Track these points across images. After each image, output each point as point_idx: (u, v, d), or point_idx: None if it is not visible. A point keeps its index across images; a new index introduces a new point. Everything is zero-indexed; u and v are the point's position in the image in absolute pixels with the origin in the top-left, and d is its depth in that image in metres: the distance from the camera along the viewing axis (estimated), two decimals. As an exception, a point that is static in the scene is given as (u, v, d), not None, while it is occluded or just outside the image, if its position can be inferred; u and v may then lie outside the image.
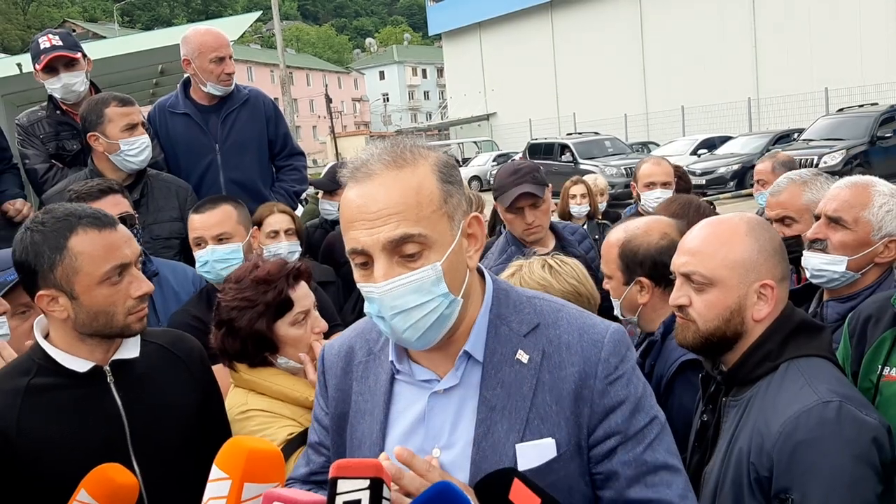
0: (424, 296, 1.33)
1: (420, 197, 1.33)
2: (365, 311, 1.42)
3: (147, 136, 3.62)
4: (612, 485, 1.42)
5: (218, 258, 2.98)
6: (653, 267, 2.48)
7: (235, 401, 2.27)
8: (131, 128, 3.55)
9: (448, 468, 1.40)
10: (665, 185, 4.46)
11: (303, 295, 2.33)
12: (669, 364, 2.38)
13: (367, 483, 1.19)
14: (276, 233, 3.62)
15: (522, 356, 1.43)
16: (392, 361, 1.49)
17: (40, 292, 1.81)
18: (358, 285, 1.39)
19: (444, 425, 1.44)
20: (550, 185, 3.44)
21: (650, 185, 4.44)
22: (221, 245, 3.01)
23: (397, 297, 1.33)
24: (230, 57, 4.15)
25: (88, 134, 3.56)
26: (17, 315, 2.25)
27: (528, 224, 3.29)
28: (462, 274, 1.40)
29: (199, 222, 3.04)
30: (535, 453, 1.39)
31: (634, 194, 4.59)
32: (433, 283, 1.33)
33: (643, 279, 2.49)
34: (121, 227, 1.91)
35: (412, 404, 1.47)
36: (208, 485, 1.36)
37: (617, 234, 2.59)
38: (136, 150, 3.55)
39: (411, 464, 1.28)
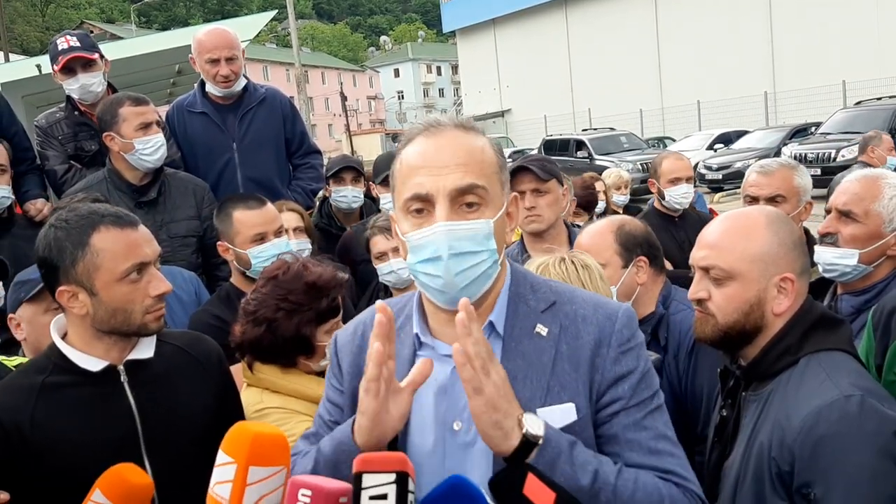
0: (478, 245, 1.42)
1: (484, 156, 1.45)
2: (408, 263, 1.47)
3: (162, 134, 3.64)
4: (612, 447, 1.46)
5: (284, 250, 3.02)
6: (649, 247, 2.72)
7: (250, 399, 2.28)
8: (145, 127, 3.57)
9: (473, 439, 1.45)
10: (689, 179, 4.48)
11: (342, 304, 2.36)
12: (686, 329, 2.55)
13: (393, 477, 1.19)
14: (286, 231, 3.60)
15: (542, 329, 1.50)
16: (417, 334, 1.54)
17: (61, 287, 1.84)
18: (405, 237, 1.45)
19: (465, 398, 1.45)
20: (566, 186, 3.40)
21: (675, 181, 4.44)
22: (280, 238, 3.08)
23: (457, 239, 1.40)
24: (229, 59, 4.09)
25: (104, 134, 3.60)
26: (50, 311, 2.29)
27: (527, 209, 3.21)
28: (503, 241, 1.49)
29: (260, 218, 3.06)
30: (556, 416, 1.43)
31: (654, 190, 4.57)
32: (486, 236, 1.43)
33: (642, 258, 2.69)
34: (142, 226, 1.93)
35: (435, 377, 1.49)
36: (215, 469, 1.37)
37: (604, 225, 2.77)
38: (151, 148, 3.57)
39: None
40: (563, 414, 1.44)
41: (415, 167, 1.43)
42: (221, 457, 1.37)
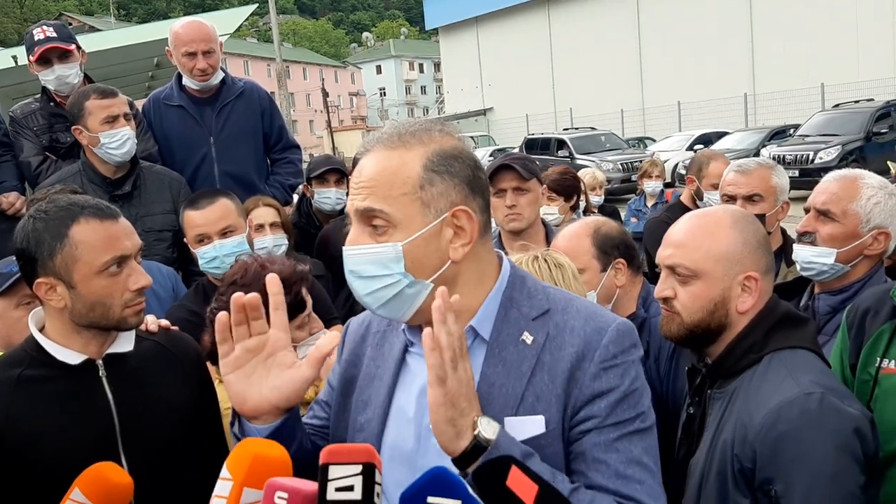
0: (382, 269, 1.40)
1: (394, 178, 1.40)
2: None
3: (129, 128, 3.57)
4: (578, 465, 1.39)
5: (227, 252, 2.96)
6: (626, 248, 2.69)
7: (223, 395, 2.26)
8: (112, 120, 3.50)
9: None
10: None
11: (308, 297, 2.34)
12: None
13: (359, 469, 1.17)
14: (262, 226, 3.55)
15: (527, 337, 1.45)
16: (404, 331, 1.54)
17: (39, 280, 1.82)
18: None
19: None
20: (545, 185, 3.38)
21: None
22: (227, 239, 2.99)
23: (357, 263, 1.42)
24: (206, 53, 4.05)
25: (73, 127, 3.56)
26: (22, 305, 2.27)
27: (508, 208, 3.19)
28: (434, 261, 1.42)
29: (201, 218, 3.00)
30: (521, 428, 1.39)
31: (692, 186, 4.39)
32: (392, 259, 1.39)
33: (620, 260, 2.66)
34: (122, 219, 1.91)
35: (418, 376, 1.49)
36: (218, 482, 1.35)
37: (580, 228, 2.72)
38: (117, 142, 3.51)
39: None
40: (529, 425, 1.40)
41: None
42: (224, 471, 1.35)
